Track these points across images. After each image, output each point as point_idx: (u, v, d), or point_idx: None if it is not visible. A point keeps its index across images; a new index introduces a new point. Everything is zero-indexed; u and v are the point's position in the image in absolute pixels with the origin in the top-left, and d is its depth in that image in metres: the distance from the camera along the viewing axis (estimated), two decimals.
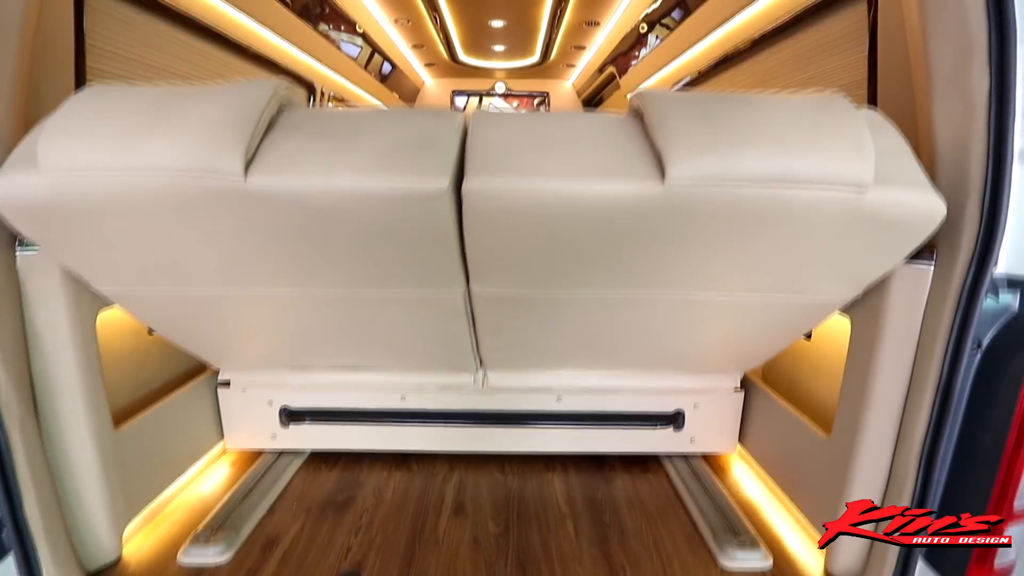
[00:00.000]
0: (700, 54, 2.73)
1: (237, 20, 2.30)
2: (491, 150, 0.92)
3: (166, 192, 0.85)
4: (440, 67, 5.39)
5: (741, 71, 2.39)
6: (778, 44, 2.06)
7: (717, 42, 2.50)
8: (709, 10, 2.40)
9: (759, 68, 2.23)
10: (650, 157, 0.89)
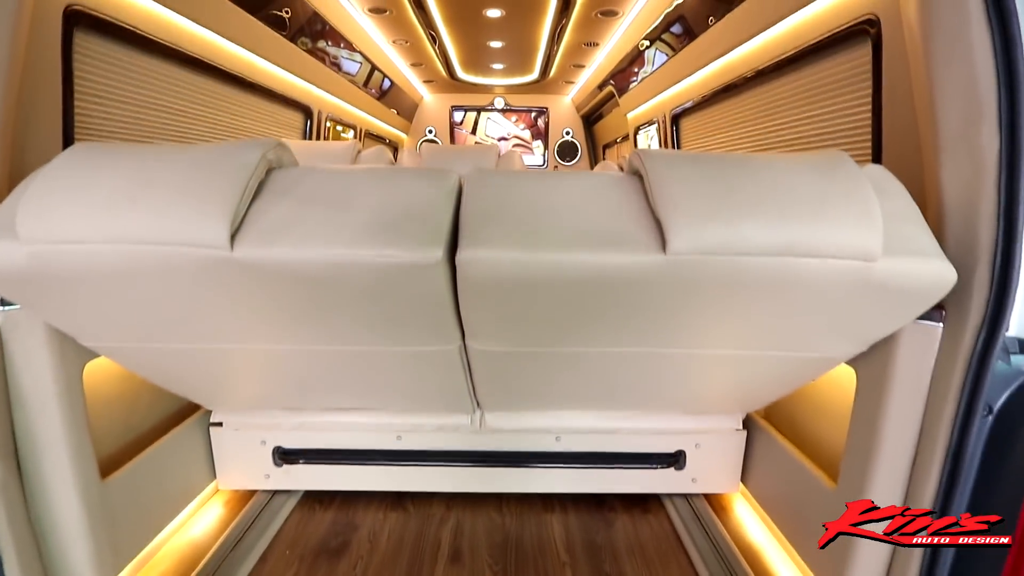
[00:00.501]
0: (702, 80, 2.72)
1: (229, 50, 2.29)
2: (486, 217, 0.90)
3: (151, 263, 0.83)
4: (439, 83, 5.40)
5: (742, 101, 2.38)
6: (781, 78, 2.05)
7: (719, 70, 2.49)
8: (713, 37, 2.39)
9: (761, 100, 2.22)
10: (651, 224, 0.87)
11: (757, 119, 2.28)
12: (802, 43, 1.79)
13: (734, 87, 2.39)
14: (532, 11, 3.21)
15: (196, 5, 1.95)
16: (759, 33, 2.04)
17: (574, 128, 6.11)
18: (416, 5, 3.00)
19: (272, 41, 2.52)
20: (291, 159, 1.08)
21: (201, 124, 2.30)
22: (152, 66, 1.85)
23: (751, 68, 2.19)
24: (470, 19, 3.38)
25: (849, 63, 1.60)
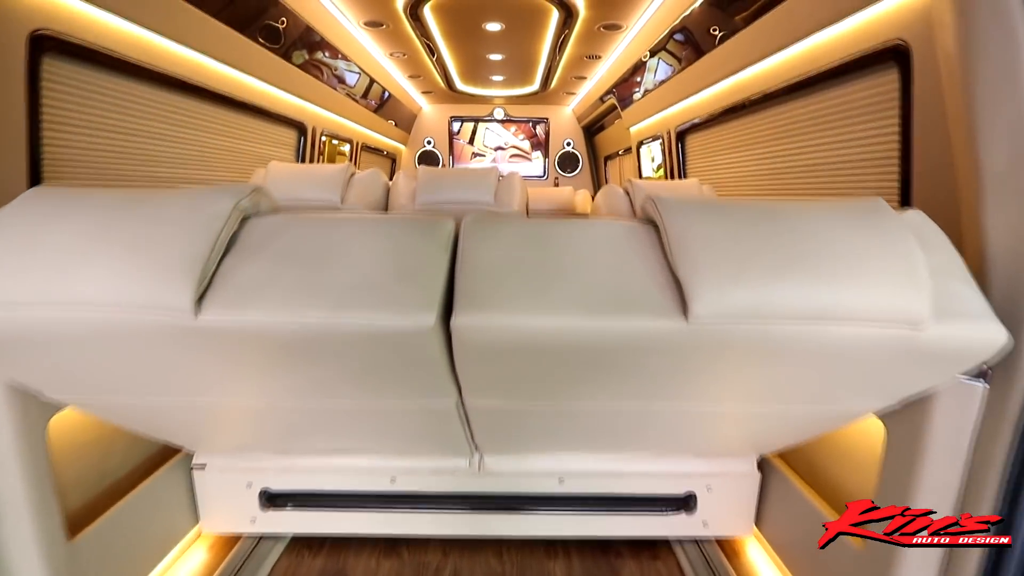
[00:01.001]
0: (710, 98, 2.65)
1: (217, 69, 2.22)
2: (484, 276, 0.82)
3: (108, 327, 0.75)
4: (437, 94, 5.34)
5: (753, 122, 2.31)
6: (796, 100, 1.98)
7: (728, 89, 2.42)
8: (723, 55, 2.32)
9: (774, 121, 2.14)
10: (668, 283, 0.78)
11: (769, 141, 2.21)
12: (820, 66, 1.71)
13: (744, 107, 2.32)
14: (533, 25, 3.15)
15: (181, 26, 1.89)
16: (773, 53, 1.97)
17: (575, 139, 6.05)
18: (413, 19, 2.93)
19: (263, 59, 2.45)
20: (269, 204, 1.00)
21: (188, 147, 2.23)
22: (133, 90, 1.78)
23: (763, 88, 2.12)
24: (469, 33, 3.31)
25: (871, 89, 1.53)
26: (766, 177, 2.30)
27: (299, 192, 2.06)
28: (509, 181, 2.18)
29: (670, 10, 2.56)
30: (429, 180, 2.12)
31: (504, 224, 0.97)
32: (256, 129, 2.76)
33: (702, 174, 3.02)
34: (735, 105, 2.38)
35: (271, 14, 2.34)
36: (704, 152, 2.94)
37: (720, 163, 2.75)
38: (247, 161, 2.73)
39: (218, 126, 2.42)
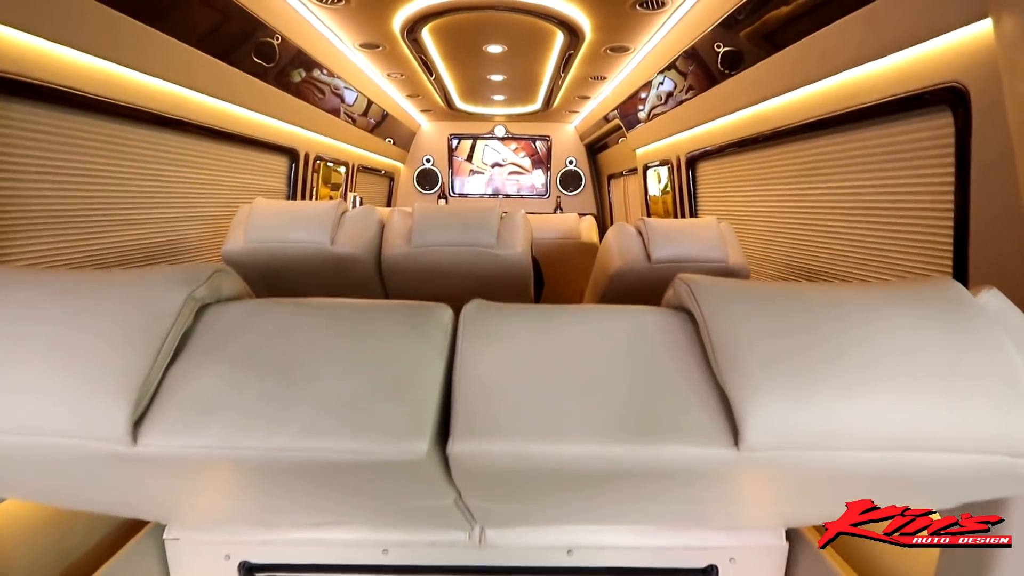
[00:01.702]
0: (726, 126, 2.49)
1: (199, 101, 2.06)
2: (488, 390, 0.65)
3: (28, 456, 0.59)
4: (437, 112, 5.19)
5: (774, 155, 2.15)
6: (826, 137, 1.82)
7: (747, 119, 2.26)
8: (741, 83, 2.17)
9: (798, 157, 1.99)
10: (711, 396, 0.63)
11: (792, 177, 2.05)
12: (855, 103, 1.55)
13: (765, 139, 2.16)
14: (536, 47, 3.00)
15: (155, 58, 1.73)
16: (801, 86, 1.82)
17: (578, 157, 5.90)
18: (410, 41, 2.78)
19: (250, 87, 2.29)
20: (234, 287, 0.83)
21: (168, 185, 2.07)
22: (105, 130, 1.62)
23: (788, 121, 1.96)
24: (469, 55, 3.17)
25: (917, 132, 1.37)
26: (788, 216, 2.14)
27: (286, 233, 1.90)
28: (512, 220, 2.02)
29: (682, 34, 2.41)
30: (426, 219, 1.96)
31: (511, 316, 0.81)
32: (244, 159, 2.60)
33: (714, 205, 2.86)
34: (755, 136, 2.22)
35: (258, 40, 2.19)
36: (717, 182, 2.78)
37: (734, 195, 2.59)
38: (235, 194, 2.57)
39: (202, 159, 2.26)
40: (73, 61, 1.47)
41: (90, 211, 1.70)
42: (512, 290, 2.06)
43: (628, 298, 2.02)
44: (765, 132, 2.14)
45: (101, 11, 1.44)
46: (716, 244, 1.89)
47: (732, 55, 2.16)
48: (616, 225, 2.01)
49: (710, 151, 2.69)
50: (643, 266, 1.88)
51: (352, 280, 2.02)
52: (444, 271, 1.97)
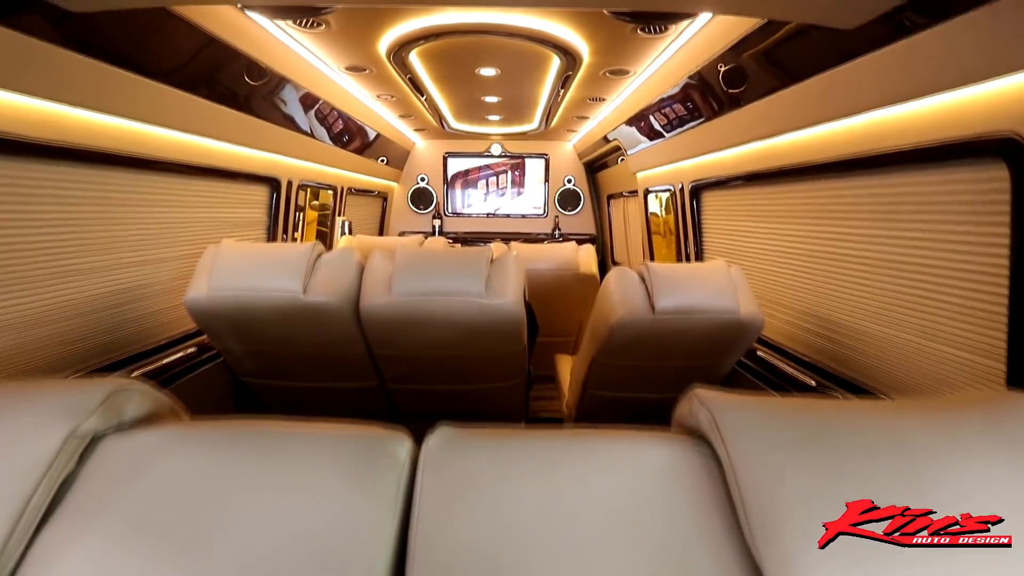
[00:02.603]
0: (735, 157, 2.33)
1: (160, 136, 1.90)
2: (452, 559, 0.50)
3: None
4: (431, 131, 5.05)
5: (790, 193, 1.99)
6: (850, 178, 1.66)
7: (760, 151, 2.10)
8: (753, 114, 2.01)
9: (817, 197, 1.83)
10: (737, 560, 0.48)
11: (808, 217, 1.89)
12: (887, 146, 1.39)
13: (779, 174, 2.00)
14: (531, 70, 2.85)
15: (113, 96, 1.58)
16: (821, 122, 1.66)
17: (576, 175, 5.75)
18: (398, 64, 2.63)
19: (222, 118, 2.13)
20: (145, 403, 0.66)
21: (129, 227, 1.91)
22: (53, 175, 1.46)
23: (805, 159, 1.80)
24: (461, 77, 3.02)
25: (957, 184, 1.21)
26: (803, 258, 1.97)
27: (254, 279, 1.73)
28: (503, 264, 1.85)
29: (687, 59, 2.25)
30: (408, 265, 1.79)
31: (486, 451, 0.64)
32: (219, 192, 2.44)
33: (719, 238, 2.70)
34: (767, 171, 2.06)
35: (230, 68, 2.04)
36: (723, 214, 2.62)
37: (742, 229, 2.43)
38: (209, 230, 2.41)
39: (169, 197, 2.10)
40: (16, 105, 1.31)
41: (34, 264, 1.53)
42: (502, 340, 1.89)
43: (629, 351, 1.85)
44: (779, 167, 1.97)
45: (42, 48, 1.28)
46: (726, 292, 1.72)
47: (742, 84, 2.00)
48: (617, 271, 1.84)
49: (716, 181, 2.53)
50: (646, 317, 1.71)
51: (328, 330, 1.85)
52: (429, 321, 1.79)
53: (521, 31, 2.17)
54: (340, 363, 2.04)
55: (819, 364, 1.87)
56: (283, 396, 2.27)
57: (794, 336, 2.06)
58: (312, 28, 2.17)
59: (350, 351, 1.96)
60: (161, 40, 1.67)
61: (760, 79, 1.85)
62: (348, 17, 2.08)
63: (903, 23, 1.20)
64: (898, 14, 1.19)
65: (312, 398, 2.26)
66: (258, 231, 2.82)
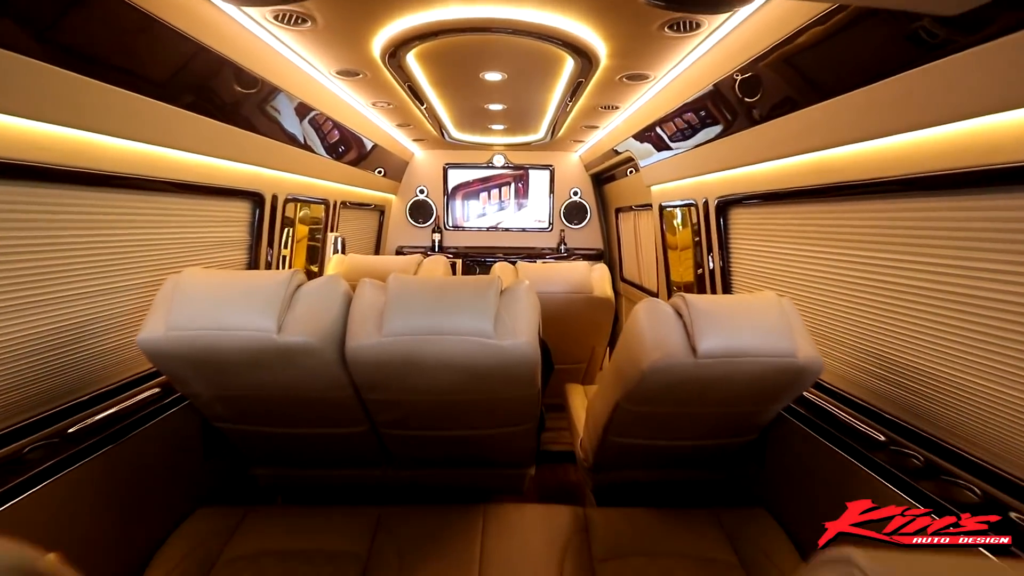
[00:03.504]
0: (771, 171, 2.07)
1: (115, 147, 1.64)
2: None
3: None
4: (430, 141, 4.80)
5: (844, 214, 1.73)
6: (908, 199, 1.41)
7: (801, 166, 1.84)
8: (791, 126, 1.75)
9: (880, 220, 1.56)
10: None
11: (868, 241, 1.62)
12: (966, 164, 1.14)
13: (827, 192, 1.74)
14: (540, 75, 2.60)
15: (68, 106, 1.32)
16: (884, 135, 1.40)
17: (582, 187, 5.50)
18: (394, 68, 2.38)
19: (197, 127, 1.88)
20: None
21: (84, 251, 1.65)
22: None
23: (862, 175, 1.54)
24: (464, 83, 2.77)
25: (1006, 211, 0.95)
26: (859, 289, 1.70)
27: (219, 317, 1.46)
28: (514, 296, 1.58)
29: (718, 60, 2.00)
30: (402, 298, 1.52)
31: None
32: (193, 210, 2.18)
33: (749, 260, 2.43)
34: (814, 188, 1.80)
35: (203, 71, 1.78)
36: (756, 233, 2.35)
37: (779, 252, 2.16)
38: (182, 251, 2.14)
39: (136, 216, 1.84)
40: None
41: None
42: (513, 385, 1.61)
43: (662, 398, 1.57)
44: (831, 184, 1.71)
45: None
46: (781, 331, 1.45)
47: (787, 88, 1.75)
48: (648, 304, 1.57)
49: (749, 197, 2.26)
50: (686, 361, 1.43)
51: (309, 373, 1.57)
52: (426, 365, 1.52)
53: (532, 28, 1.92)
54: (324, 407, 1.77)
55: (886, 414, 1.59)
56: (260, 443, 1.99)
57: (849, 377, 1.79)
58: (296, 25, 1.91)
59: (335, 395, 1.69)
60: (115, 35, 1.42)
61: (812, 82, 1.59)
62: (336, 12, 1.83)
63: None
64: None
65: (293, 444, 1.98)
66: (239, 252, 2.55)
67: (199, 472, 2.04)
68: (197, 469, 2.03)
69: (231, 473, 2.19)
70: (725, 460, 2.06)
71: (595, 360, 3.23)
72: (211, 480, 2.11)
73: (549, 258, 5.34)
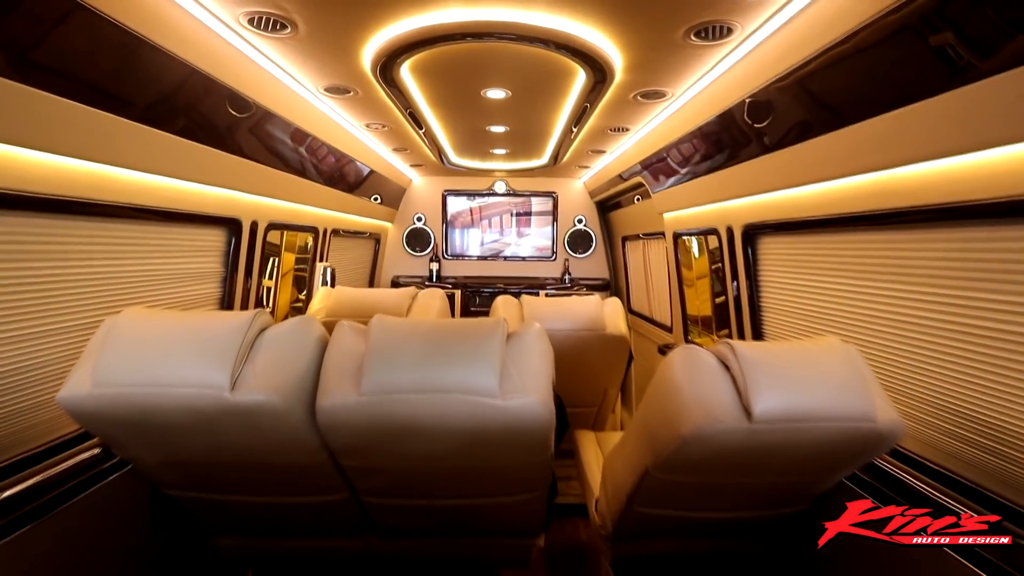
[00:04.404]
0: (809, 196, 1.83)
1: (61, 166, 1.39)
2: None
3: None
4: (429, 167, 4.60)
5: (909, 244, 1.47)
6: (981, 228, 1.16)
7: (845, 189, 1.59)
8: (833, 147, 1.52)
9: (939, 248, 1.31)
10: None
11: (936, 278, 1.36)
12: None
13: (887, 219, 1.49)
14: (547, 91, 2.39)
15: None
16: (953, 155, 1.16)
17: (587, 215, 5.29)
18: (387, 84, 2.16)
19: (163, 146, 1.64)
20: None
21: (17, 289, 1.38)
22: None
23: (931, 200, 1.30)
24: (464, 101, 2.55)
25: None
26: (934, 333, 1.43)
27: (160, 369, 1.18)
28: (524, 343, 1.31)
29: (751, 71, 1.78)
30: (386, 345, 1.25)
31: None
32: (158, 237, 1.93)
33: (785, 295, 2.16)
34: (869, 214, 1.55)
35: (169, 81, 1.56)
36: (792, 264, 2.10)
37: (824, 287, 1.90)
38: (140, 286, 1.88)
39: (79, 247, 1.59)
40: None
41: None
42: (523, 450, 1.33)
43: (703, 468, 1.29)
44: (891, 209, 1.46)
45: None
46: (854, 387, 1.18)
47: (836, 100, 1.52)
48: (684, 352, 1.29)
49: (786, 225, 2.01)
50: (738, 426, 1.15)
51: (273, 437, 1.29)
52: (416, 427, 1.24)
53: (539, 33, 1.70)
54: (293, 474, 1.48)
55: (983, 489, 1.30)
56: (221, 511, 1.68)
57: (920, 437, 1.50)
58: (275, 31, 1.70)
59: (306, 461, 1.40)
60: (62, 36, 1.19)
61: (869, 92, 1.36)
62: (319, 16, 1.61)
63: None
64: None
65: (261, 512, 1.68)
66: (211, 285, 2.28)
67: (148, 547, 1.72)
68: (146, 544, 1.71)
69: (188, 546, 1.87)
70: (768, 530, 1.75)
71: (607, 403, 2.94)
72: (164, 555, 1.79)
73: (551, 288, 5.08)
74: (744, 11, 1.54)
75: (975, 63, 1.07)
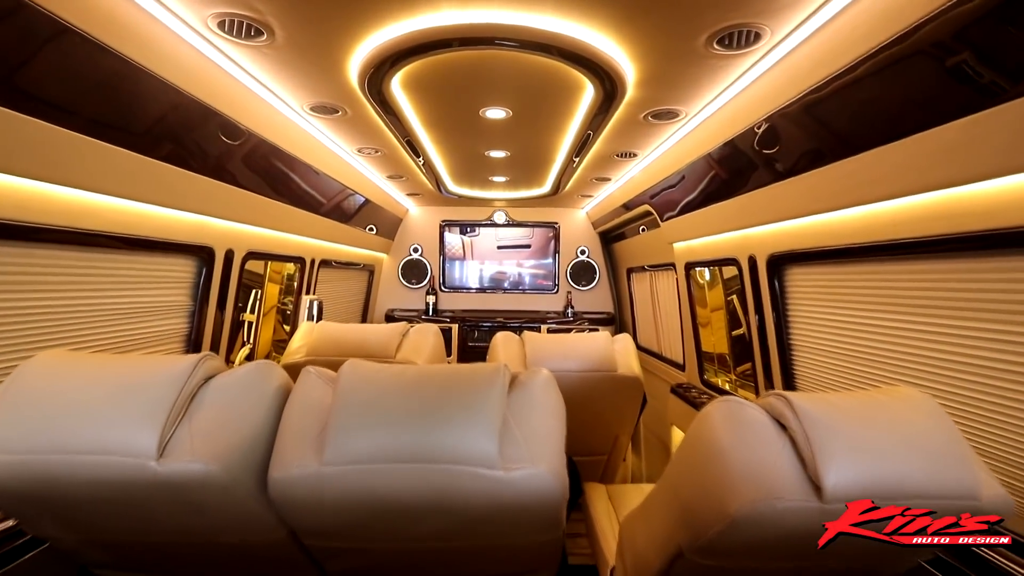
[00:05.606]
0: (846, 221, 1.62)
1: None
2: None
3: None
4: (426, 196, 4.44)
5: (974, 274, 1.25)
6: None
7: (895, 214, 1.38)
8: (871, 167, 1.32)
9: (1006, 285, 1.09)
10: None
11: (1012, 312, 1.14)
12: None
13: (960, 242, 1.28)
14: (551, 110, 2.21)
15: None
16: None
17: (590, 246, 5.10)
18: (377, 102, 1.99)
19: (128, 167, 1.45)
20: None
21: None
22: None
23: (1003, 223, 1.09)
24: (462, 122, 2.38)
25: None
26: (1001, 375, 1.20)
27: (66, 432, 0.94)
28: (530, 395, 1.07)
29: (778, 84, 1.60)
30: (355, 400, 1.01)
31: None
32: (116, 267, 1.71)
33: (821, 333, 1.93)
34: (921, 240, 1.34)
35: (134, 93, 1.37)
36: (826, 297, 1.87)
37: (865, 324, 1.67)
38: (93, 322, 1.65)
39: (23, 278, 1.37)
40: None
41: None
42: (529, 528, 1.07)
43: (760, 554, 1.03)
44: (959, 234, 1.25)
45: None
46: (951, 454, 0.93)
47: (876, 111, 1.32)
48: (725, 406, 1.05)
49: (822, 253, 1.80)
50: (805, 505, 0.90)
51: (218, 514, 1.03)
52: (398, 506, 0.99)
53: (544, 38, 1.52)
54: (248, 555, 1.21)
55: None
56: None
57: None
58: (249, 38, 1.52)
59: (262, 540, 1.14)
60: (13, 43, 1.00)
61: (933, 97, 1.17)
62: (298, 20, 1.43)
63: None
64: None
65: None
66: (178, 320, 2.05)
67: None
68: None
69: None
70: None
71: (618, 451, 2.66)
72: None
73: (552, 322, 4.84)
74: (776, 13, 1.37)
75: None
